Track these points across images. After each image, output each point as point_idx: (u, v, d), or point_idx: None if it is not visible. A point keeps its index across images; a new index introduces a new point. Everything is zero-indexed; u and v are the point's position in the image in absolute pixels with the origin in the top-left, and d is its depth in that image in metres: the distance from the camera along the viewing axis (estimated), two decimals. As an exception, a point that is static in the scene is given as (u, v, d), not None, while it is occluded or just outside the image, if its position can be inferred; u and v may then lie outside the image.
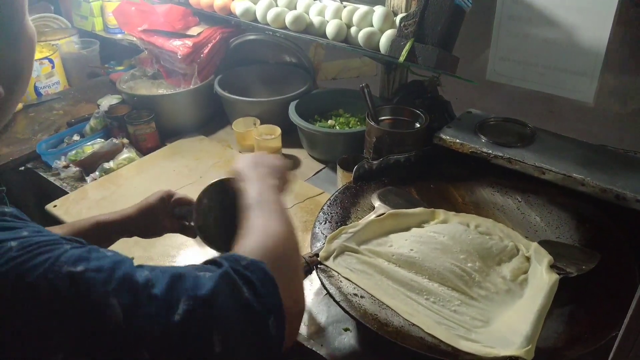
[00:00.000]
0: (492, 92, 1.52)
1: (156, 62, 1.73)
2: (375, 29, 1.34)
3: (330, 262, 0.99)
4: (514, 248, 1.01)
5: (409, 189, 1.21)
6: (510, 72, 1.30)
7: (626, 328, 0.54)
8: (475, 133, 1.26)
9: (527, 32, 1.24)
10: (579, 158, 1.15)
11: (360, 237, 1.03)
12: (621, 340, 0.56)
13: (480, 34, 1.39)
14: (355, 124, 1.56)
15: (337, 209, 1.15)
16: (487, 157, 1.19)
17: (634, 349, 0.56)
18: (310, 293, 1.05)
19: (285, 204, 0.82)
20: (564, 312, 0.89)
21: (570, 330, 0.85)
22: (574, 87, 1.22)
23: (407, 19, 1.23)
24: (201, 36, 1.66)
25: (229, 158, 1.53)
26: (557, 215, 1.09)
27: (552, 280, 0.90)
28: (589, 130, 1.49)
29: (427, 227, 1.06)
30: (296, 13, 1.45)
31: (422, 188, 1.22)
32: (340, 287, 0.94)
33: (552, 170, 1.12)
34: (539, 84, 1.27)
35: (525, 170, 1.15)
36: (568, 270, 0.93)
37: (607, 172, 1.10)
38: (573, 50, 1.19)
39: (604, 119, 1.49)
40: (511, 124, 1.32)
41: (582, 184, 1.08)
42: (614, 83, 1.34)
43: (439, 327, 0.84)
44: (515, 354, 0.77)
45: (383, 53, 1.31)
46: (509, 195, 1.16)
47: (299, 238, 0.77)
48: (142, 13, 1.72)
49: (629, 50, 1.26)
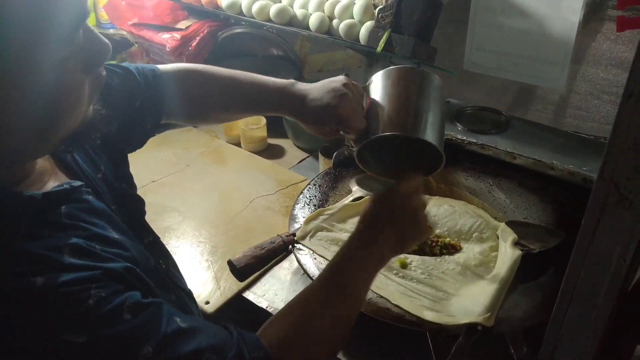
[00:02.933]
0: (471, 83, 1.57)
1: (146, 56, 1.77)
2: (355, 20, 1.38)
3: (307, 241, 1.03)
4: (484, 228, 1.05)
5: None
6: (486, 62, 1.34)
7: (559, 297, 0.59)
8: (452, 121, 1.31)
9: (501, 22, 1.28)
10: (550, 144, 1.20)
11: (336, 218, 1.08)
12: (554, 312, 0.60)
13: (459, 26, 1.43)
14: (339, 114, 1.60)
15: (316, 193, 1.19)
16: (461, 143, 1.23)
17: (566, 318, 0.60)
18: (289, 273, 1.10)
19: (368, 278, 0.74)
20: (528, 287, 0.94)
21: (530, 302, 0.89)
22: (546, 75, 1.26)
23: (385, 10, 1.27)
24: (189, 29, 1.71)
25: (215, 147, 1.57)
26: (526, 198, 1.13)
27: (515, 255, 0.94)
28: (563, 117, 1.54)
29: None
30: (280, 6, 1.49)
31: (399, 173, 1.26)
32: (314, 263, 0.98)
33: (522, 155, 1.16)
34: (513, 73, 1.31)
35: (497, 155, 1.19)
36: (531, 246, 0.98)
37: (576, 157, 1.14)
38: (544, 39, 1.23)
39: (577, 108, 1.54)
40: (487, 113, 1.36)
41: (551, 167, 1.13)
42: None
43: (405, 298, 0.88)
44: (476, 321, 0.81)
45: (363, 44, 1.35)
46: (481, 179, 1.20)
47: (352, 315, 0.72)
48: (132, 7, 1.76)
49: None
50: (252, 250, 1.01)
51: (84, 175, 0.70)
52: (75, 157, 0.71)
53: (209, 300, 1.03)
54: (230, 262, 0.99)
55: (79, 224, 0.61)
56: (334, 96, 0.82)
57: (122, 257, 0.62)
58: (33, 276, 0.52)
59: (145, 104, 0.86)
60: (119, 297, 0.56)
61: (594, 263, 0.56)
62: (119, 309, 0.55)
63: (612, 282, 0.56)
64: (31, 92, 0.51)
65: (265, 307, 1.01)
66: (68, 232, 0.58)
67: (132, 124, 0.85)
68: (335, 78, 0.87)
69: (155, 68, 0.90)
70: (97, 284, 0.55)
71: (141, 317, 0.56)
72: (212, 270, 1.10)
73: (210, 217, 1.27)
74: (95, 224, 0.63)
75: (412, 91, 0.81)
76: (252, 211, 1.28)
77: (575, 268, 0.57)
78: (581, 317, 0.61)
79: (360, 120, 0.80)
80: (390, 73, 0.83)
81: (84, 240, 0.58)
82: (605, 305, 0.58)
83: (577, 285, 0.58)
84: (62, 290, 0.52)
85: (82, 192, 0.65)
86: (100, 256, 0.59)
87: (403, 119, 0.78)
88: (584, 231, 0.54)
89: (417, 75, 0.84)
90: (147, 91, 0.86)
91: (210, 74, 0.91)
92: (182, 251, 1.16)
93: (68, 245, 0.56)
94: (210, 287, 1.06)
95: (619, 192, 0.50)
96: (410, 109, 0.79)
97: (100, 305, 0.53)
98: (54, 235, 0.57)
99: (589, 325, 0.61)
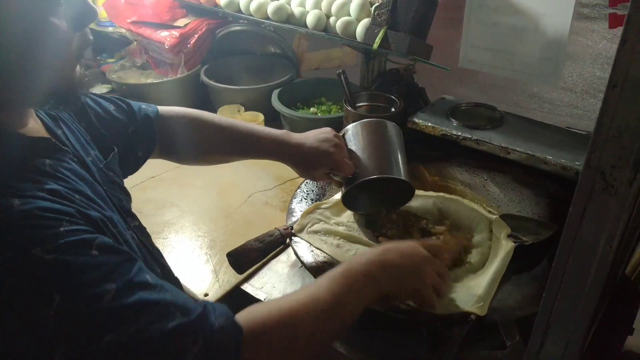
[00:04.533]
0: (467, 80, 1.59)
1: (145, 53, 1.79)
2: (352, 18, 1.40)
3: (304, 234, 1.05)
4: (478, 221, 1.07)
5: (382, 170, 1.27)
6: (481, 59, 1.36)
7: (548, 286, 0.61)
8: (447, 117, 1.33)
9: (496, 20, 1.30)
10: (543, 139, 1.21)
11: (332, 211, 1.10)
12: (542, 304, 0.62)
13: (454, 23, 1.45)
14: (336, 111, 1.62)
15: (313, 188, 1.21)
16: (456, 139, 1.25)
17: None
18: (286, 266, 1.11)
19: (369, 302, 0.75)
20: (522, 278, 0.96)
21: (524, 292, 0.91)
22: (540, 72, 1.28)
23: (381, 7, 1.29)
24: (188, 27, 1.72)
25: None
26: (519, 192, 1.15)
27: (508, 247, 0.96)
28: (559, 115, 1.55)
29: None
30: (278, 4, 1.51)
31: (395, 168, 1.28)
32: (311, 256, 1.00)
33: (516, 150, 1.18)
34: (508, 70, 1.33)
35: (491, 150, 1.21)
36: (524, 239, 1.00)
37: (569, 152, 1.16)
38: (538, 37, 1.25)
39: (573, 106, 1.56)
40: (482, 109, 1.38)
41: (544, 162, 1.15)
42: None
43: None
44: (469, 310, 0.83)
45: (359, 41, 1.37)
46: (476, 174, 1.22)
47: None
48: (131, 5, 1.77)
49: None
50: (251, 243, 1.03)
51: (74, 149, 0.74)
52: (67, 134, 0.75)
53: (207, 293, 1.05)
54: (229, 254, 1.01)
55: (62, 176, 0.65)
56: (329, 145, 1.00)
57: (96, 210, 0.66)
58: (11, 197, 0.56)
59: (139, 131, 0.96)
60: (88, 234, 0.60)
61: (581, 250, 0.57)
62: (87, 244, 0.58)
63: (599, 269, 0.58)
64: (20, 32, 0.58)
65: (264, 299, 1.03)
66: (49, 179, 0.62)
67: (124, 148, 0.92)
68: (324, 129, 1.04)
69: (154, 108, 1.01)
70: (70, 218, 0.59)
71: (109, 258, 0.59)
72: (210, 263, 1.12)
73: (209, 212, 1.29)
74: (77, 182, 0.67)
75: (382, 140, 1.05)
76: (250, 206, 1.30)
77: (563, 256, 0.59)
78: (569, 304, 0.62)
79: (350, 166, 1.00)
80: (362, 125, 1.06)
81: (64, 189, 0.62)
82: (592, 292, 0.60)
83: (566, 272, 0.60)
84: (37, 213, 0.56)
85: (68, 157, 0.70)
86: (78, 203, 0.63)
87: (381, 164, 1.01)
88: (571, 219, 0.56)
89: (384, 125, 1.07)
90: (141, 122, 0.97)
91: (213, 123, 1.03)
92: (181, 245, 1.18)
93: (47, 189, 0.60)
94: (209, 279, 1.08)
95: (604, 180, 0.52)
96: (385, 155, 1.03)
97: (69, 234, 0.57)
98: (36, 177, 0.61)
99: (577, 312, 0.63)
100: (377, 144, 1.04)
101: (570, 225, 0.56)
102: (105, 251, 0.60)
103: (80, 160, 0.74)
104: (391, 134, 1.07)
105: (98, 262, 0.58)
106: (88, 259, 0.58)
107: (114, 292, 0.57)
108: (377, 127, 1.07)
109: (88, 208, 0.64)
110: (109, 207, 0.73)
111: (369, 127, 1.06)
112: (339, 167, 1.00)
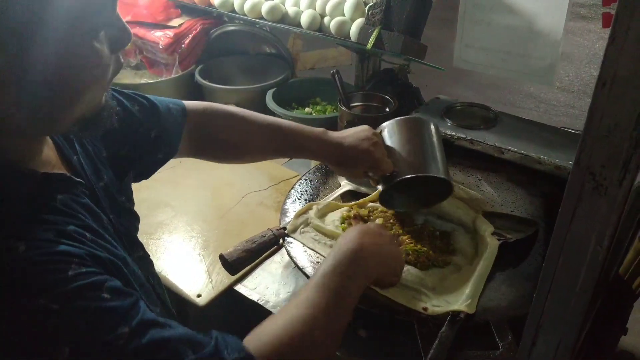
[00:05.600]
0: (462, 79, 1.59)
1: (139, 53, 1.78)
2: (346, 18, 1.40)
3: (297, 234, 1.05)
4: (466, 219, 1.07)
5: (376, 169, 1.27)
6: (475, 59, 1.36)
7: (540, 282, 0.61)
8: (441, 117, 1.32)
9: (490, 19, 1.30)
10: (537, 139, 1.21)
11: (324, 211, 1.09)
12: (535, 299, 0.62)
13: (449, 23, 1.45)
14: (331, 111, 1.62)
15: (307, 188, 1.20)
16: (450, 138, 1.25)
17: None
18: (280, 266, 1.11)
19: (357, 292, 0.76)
20: (515, 278, 0.95)
21: (517, 292, 0.91)
22: (534, 71, 1.28)
23: (375, 7, 1.29)
24: (182, 27, 1.72)
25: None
26: (513, 192, 1.15)
27: (493, 245, 0.97)
28: (555, 115, 1.55)
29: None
30: (272, 3, 1.51)
31: (389, 168, 1.28)
32: (305, 256, 1.00)
33: (510, 150, 1.18)
34: (502, 70, 1.33)
35: (485, 150, 1.21)
36: (508, 236, 1.01)
37: (563, 151, 1.16)
38: (533, 36, 1.25)
39: (569, 106, 1.56)
40: (476, 109, 1.38)
41: (538, 162, 1.15)
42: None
43: (391, 289, 0.89)
44: (458, 309, 0.83)
45: (353, 41, 1.36)
46: (470, 173, 1.22)
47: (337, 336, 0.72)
48: (125, 5, 1.77)
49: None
50: (243, 244, 1.02)
51: (86, 179, 0.71)
52: (81, 160, 0.72)
53: (200, 294, 1.04)
54: (222, 256, 1.00)
55: (73, 212, 0.62)
56: (370, 144, 0.97)
57: (109, 252, 0.63)
58: (17, 241, 0.53)
59: (162, 136, 0.90)
60: (98, 276, 0.56)
61: (571, 250, 0.57)
62: (98, 287, 0.55)
63: (589, 268, 0.57)
64: (61, 59, 0.54)
65: (257, 299, 1.02)
66: (60, 217, 0.59)
67: (143, 151, 0.88)
68: (362, 127, 1.02)
69: (183, 107, 0.95)
70: (79, 260, 0.56)
71: (120, 301, 0.57)
72: (204, 263, 1.11)
73: (202, 212, 1.28)
74: (87, 218, 0.64)
75: (420, 138, 1.02)
76: (244, 206, 1.29)
77: (553, 256, 0.59)
78: (560, 304, 0.62)
79: (389, 164, 0.98)
80: (400, 123, 1.04)
81: (74, 228, 0.59)
82: (583, 292, 0.60)
83: (556, 272, 0.60)
84: (43, 258, 0.53)
85: (80, 190, 0.66)
86: (88, 244, 0.60)
87: (420, 162, 0.99)
88: (561, 219, 0.56)
89: (422, 123, 1.05)
90: (165, 124, 0.90)
91: (253, 121, 1.00)
92: (175, 245, 1.17)
93: (57, 229, 0.57)
94: (202, 280, 1.07)
95: (594, 179, 0.52)
96: (423, 153, 1.00)
97: (78, 278, 0.54)
98: (46, 216, 0.58)
99: (568, 312, 0.63)
100: (415, 142, 1.01)
101: (561, 224, 0.56)
102: (117, 294, 0.57)
103: (91, 192, 0.70)
104: (429, 131, 1.04)
105: (110, 306, 0.55)
106: (99, 304, 0.55)
107: (127, 335, 0.54)
108: (415, 124, 1.05)
109: (98, 248, 0.61)
110: (118, 243, 0.69)
111: (407, 125, 1.04)
112: (378, 166, 0.98)
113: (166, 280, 1.08)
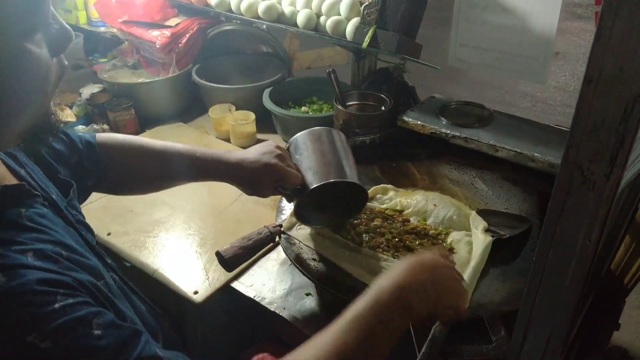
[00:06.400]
0: (457, 78, 1.60)
1: (136, 53, 1.79)
2: (342, 17, 1.40)
3: (294, 231, 1.06)
4: (457, 217, 1.08)
5: (372, 168, 1.28)
6: (470, 58, 1.37)
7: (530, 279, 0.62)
8: (436, 116, 1.33)
9: (484, 19, 1.31)
10: (531, 137, 1.22)
11: (321, 209, 1.10)
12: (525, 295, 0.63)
13: (444, 22, 1.46)
14: (327, 110, 1.62)
15: (303, 186, 1.21)
16: (445, 137, 1.26)
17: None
18: (276, 263, 1.12)
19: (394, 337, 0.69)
20: (507, 273, 0.96)
21: (510, 288, 0.92)
22: (528, 70, 1.29)
23: (370, 6, 1.29)
24: (179, 27, 1.72)
25: (205, 143, 1.59)
26: (507, 189, 1.16)
27: (486, 241, 0.98)
28: (552, 114, 1.57)
29: (380, 200, 1.14)
30: (268, 3, 1.52)
31: (384, 166, 1.29)
32: (300, 253, 1.01)
33: (505, 148, 1.19)
34: (496, 69, 1.34)
35: (480, 148, 1.22)
36: (501, 233, 1.02)
37: (556, 149, 1.17)
38: (526, 35, 1.26)
39: (565, 105, 1.57)
40: (471, 107, 1.39)
41: (532, 159, 1.16)
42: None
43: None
44: (452, 305, 0.84)
45: (349, 40, 1.37)
46: (464, 171, 1.23)
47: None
48: (122, 5, 1.77)
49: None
50: (240, 241, 1.03)
51: (41, 190, 0.68)
52: (30, 173, 0.70)
53: (197, 290, 1.05)
54: (218, 253, 1.01)
55: (40, 227, 0.59)
56: (271, 157, 0.95)
57: (83, 266, 0.60)
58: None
59: (83, 162, 0.89)
60: (88, 308, 0.53)
61: (560, 245, 0.58)
62: (87, 323, 0.52)
63: (578, 263, 0.58)
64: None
65: (253, 296, 1.03)
66: (31, 235, 0.56)
67: (71, 178, 0.84)
68: (266, 143, 1.01)
69: (92, 134, 0.95)
70: (65, 291, 0.53)
71: (114, 337, 0.54)
72: (201, 261, 1.12)
73: (199, 210, 1.29)
74: (56, 231, 0.61)
75: (329, 147, 1.02)
76: (240, 205, 1.30)
77: (543, 251, 0.60)
78: (551, 298, 0.63)
79: (296, 175, 0.95)
80: (305, 135, 1.04)
81: (49, 246, 0.57)
82: (573, 287, 0.61)
83: (546, 267, 0.61)
84: (27, 289, 0.50)
85: (39, 202, 0.63)
86: (66, 264, 0.57)
87: (327, 170, 0.97)
88: (550, 214, 0.57)
89: (327, 133, 1.05)
90: (84, 150, 0.90)
91: (147, 147, 0.96)
92: (172, 243, 1.18)
93: (33, 249, 0.54)
94: (199, 277, 1.08)
95: (582, 175, 0.53)
96: (330, 161, 0.99)
97: (66, 311, 0.51)
98: (17, 235, 0.55)
99: (558, 307, 0.63)
100: (320, 152, 1.00)
101: (550, 220, 0.57)
102: (109, 328, 0.54)
103: (50, 203, 0.67)
104: (335, 140, 1.04)
105: (102, 344, 0.52)
106: (90, 342, 0.51)
107: None
108: (319, 135, 1.04)
109: (76, 266, 0.58)
110: (89, 252, 0.67)
111: (311, 137, 1.04)
112: (284, 178, 0.95)
113: (163, 277, 1.09)
